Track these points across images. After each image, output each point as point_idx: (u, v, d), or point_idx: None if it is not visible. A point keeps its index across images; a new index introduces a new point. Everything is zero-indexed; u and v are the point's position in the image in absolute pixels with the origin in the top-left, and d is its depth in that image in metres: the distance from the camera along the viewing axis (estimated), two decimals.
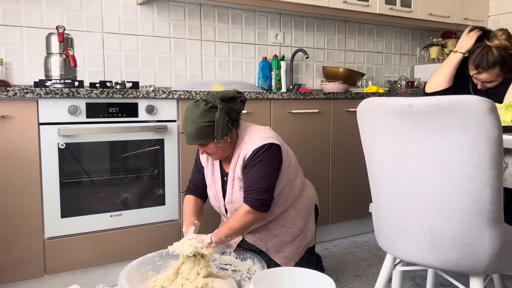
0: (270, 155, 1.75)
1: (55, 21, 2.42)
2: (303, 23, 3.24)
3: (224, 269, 1.98)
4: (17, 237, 1.88)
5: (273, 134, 1.83)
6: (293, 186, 1.90)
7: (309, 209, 1.99)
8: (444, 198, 1.18)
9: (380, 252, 2.57)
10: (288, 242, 1.92)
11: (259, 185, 1.73)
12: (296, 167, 1.94)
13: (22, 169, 1.86)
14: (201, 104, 1.70)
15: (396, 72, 3.79)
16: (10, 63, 2.34)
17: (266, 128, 1.86)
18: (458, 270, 1.24)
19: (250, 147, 1.76)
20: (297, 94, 2.48)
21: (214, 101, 1.70)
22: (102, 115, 2.00)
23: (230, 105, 1.74)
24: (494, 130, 1.08)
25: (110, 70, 2.59)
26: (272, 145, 1.76)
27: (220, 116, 1.69)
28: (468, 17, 3.53)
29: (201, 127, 1.68)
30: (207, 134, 1.70)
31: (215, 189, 1.90)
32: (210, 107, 1.69)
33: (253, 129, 1.84)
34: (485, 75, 1.93)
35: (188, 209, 1.91)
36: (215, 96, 1.71)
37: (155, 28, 2.71)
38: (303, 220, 1.95)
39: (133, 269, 1.77)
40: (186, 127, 1.71)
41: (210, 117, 1.68)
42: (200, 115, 1.68)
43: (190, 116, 1.70)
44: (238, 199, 1.82)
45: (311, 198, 2.00)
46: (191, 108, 1.72)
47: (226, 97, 1.74)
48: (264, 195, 1.74)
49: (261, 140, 1.76)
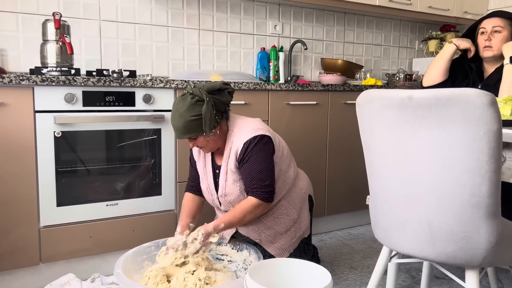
0: (263, 147, 1.74)
1: (51, 8, 2.39)
2: (302, 14, 3.22)
3: (220, 260, 1.98)
4: (13, 225, 1.87)
5: (263, 126, 1.81)
6: (286, 177, 1.89)
7: (303, 199, 1.98)
8: (442, 191, 1.18)
9: (376, 245, 2.58)
10: (282, 233, 1.92)
11: (262, 177, 1.73)
12: (289, 158, 1.93)
13: (17, 157, 1.85)
14: (188, 98, 1.67)
15: (395, 65, 3.78)
16: (6, 50, 2.31)
17: (256, 120, 1.84)
18: (455, 263, 1.24)
19: (241, 140, 1.75)
20: (295, 85, 2.47)
21: (200, 94, 1.67)
22: (98, 103, 1.98)
23: (217, 97, 1.71)
24: (494, 124, 1.08)
25: (107, 59, 2.56)
26: (263, 137, 1.75)
27: (207, 109, 1.66)
28: (468, 10, 3.52)
29: (189, 121, 1.66)
30: (196, 128, 1.68)
31: (207, 182, 1.89)
32: (196, 100, 1.66)
33: (243, 121, 1.82)
34: (494, 19, 2.00)
35: (185, 209, 1.91)
36: (201, 89, 1.68)
37: (152, 16, 2.68)
38: (296, 211, 1.94)
39: (129, 259, 1.77)
40: (174, 122, 1.69)
41: (197, 110, 1.66)
42: (187, 109, 1.66)
43: (177, 111, 1.67)
44: (231, 192, 1.82)
45: (305, 188, 1.99)
46: (178, 102, 1.69)
47: (212, 89, 1.71)
48: (270, 187, 1.74)
49: (251, 132, 1.75)
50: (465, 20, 3.54)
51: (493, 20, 2.01)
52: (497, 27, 1.99)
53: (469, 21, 3.54)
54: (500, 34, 1.99)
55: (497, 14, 2.03)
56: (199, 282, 1.66)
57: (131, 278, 1.74)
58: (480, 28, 2.06)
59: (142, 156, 2.13)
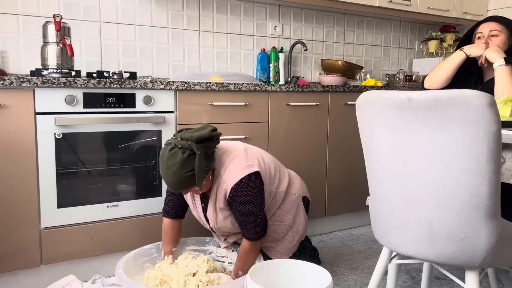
0: (249, 187, 1.71)
1: (52, 10, 2.39)
2: (302, 15, 3.23)
3: (220, 261, 1.98)
4: (14, 227, 1.87)
5: (247, 159, 1.75)
6: (277, 194, 1.89)
7: (297, 204, 1.97)
8: (442, 192, 1.18)
9: (376, 245, 2.58)
10: (279, 239, 1.93)
11: (250, 220, 1.73)
12: (277, 176, 1.89)
13: (18, 159, 1.85)
14: (178, 154, 1.59)
15: (395, 65, 3.78)
16: (6, 52, 2.32)
17: (240, 154, 1.77)
18: (454, 264, 1.24)
19: (229, 184, 1.71)
20: (295, 86, 2.48)
21: (190, 147, 1.60)
22: (99, 105, 1.99)
23: (206, 145, 1.66)
24: (493, 125, 1.08)
25: (107, 60, 2.57)
26: (249, 176, 1.71)
27: (199, 163, 1.60)
28: (468, 11, 3.52)
29: (183, 177, 1.61)
30: (190, 182, 1.63)
31: (197, 213, 1.89)
32: (188, 154, 1.60)
33: (228, 159, 1.75)
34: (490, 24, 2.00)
35: (166, 236, 1.92)
36: (189, 140, 1.61)
37: (153, 18, 2.68)
38: (291, 216, 1.94)
39: (130, 260, 1.78)
40: (167, 178, 1.62)
41: (190, 165, 1.60)
42: (180, 166, 1.59)
43: (169, 168, 1.60)
44: (223, 225, 1.82)
45: (297, 192, 1.98)
46: (168, 158, 1.60)
47: (201, 138, 1.64)
48: (258, 227, 1.74)
49: (237, 174, 1.71)
50: (465, 20, 3.54)
51: (489, 25, 2.02)
52: (494, 31, 2.00)
53: (469, 21, 3.55)
54: (497, 38, 2.00)
55: (494, 18, 2.04)
56: (201, 283, 1.66)
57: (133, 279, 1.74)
58: (477, 33, 2.07)
59: (142, 158, 2.13)
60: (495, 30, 2.00)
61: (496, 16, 2.06)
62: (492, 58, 1.92)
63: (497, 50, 1.93)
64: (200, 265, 1.76)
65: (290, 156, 2.53)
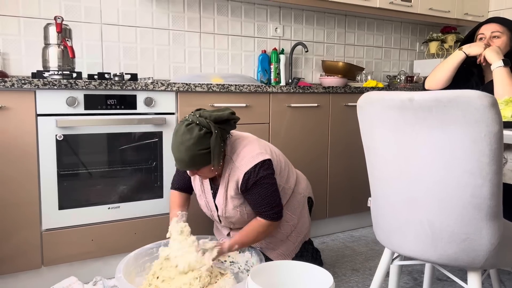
0: (263, 173, 1.69)
1: (53, 12, 2.40)
2: (303, 17, 3.23)
3: (222, 261, 1.98)
4: (15, 228, 1.87)
5: (260, 147, 1.74)
6: (286, 189, 1.88)
7: (302, 204, 1.96)
8: (443, 193, 1.18)
9: (378, 247, 2.58)
10: (283, 239, 1.91)
11: (268, 202, 1.71)
12: (287, 170, 1.89)
13: (19, 161, 1.85)
14: (195, 129, 1.56)
15: (396, 66, 3.78)
16: (8, 54, 2.32)
17: (252, 142, 1.76)
18: (456, 265, 1.24)
19: (241, 170, 1.69)
20: (296, 88, 2.48)
21: (208, 125, 1.58)
22: (100, 107, 1.99)
23: (223, 127, 1.64)
24: (495, 125, 1.08)
25: (108, 62, 2.57)
26: (263, 163, 1.69)
27: (216, 143, 1.58)
28: (469, 12, 3.52)
29: (197, 155, 1.57)
30: (203, 161, 1.60)
31: (205, 199, 1.85)
32: (205, 132, 1.57)
33: (240, 146, 1.74)
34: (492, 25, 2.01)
35: (172, 203, 1.89)
36: (208, 120, 1.60)
37: (154, 19, 2.69)
38: (296, 216, 1.93)
39: (130, 261, 1.77)
40: (179, 154, 1.58)
41: (205, 143, 1.57)
42: (195, 142, 1.55)
43: (183, 143, 1.56)
44: (232, 215, 1.80)
45: (303, 192, 1.97)
46: (184, 133, 1.57)
47: (220, 119, 1.62)
48: (277, 207, 1.73)
49: (250, 160, 1.69)
50: (466, 21, 3.54)
51: (491, 26, 2.02)
52: (496, 32, 2.00)
53: (470, 22, 3.55)
54: (499, 39, 2.00)
55: (496, 20, 2.04)
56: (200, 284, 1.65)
57: (133, 281, 1.74)
58: (478, 34, 2.07)
59: (143, 159, 2.13)
60: (497, 31, 2.00)
61: (499, 17, 2.06)
62: (490, 58, 1.92)
63: (497, 51, 1.93)
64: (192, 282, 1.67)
65: (291, 158, 2.53)
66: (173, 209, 1.86)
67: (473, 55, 2.00)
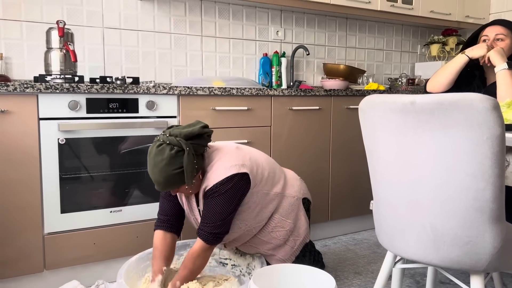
0: (231, 188, 1.63)
1: (55, 16, 2.41)
2: (304, 20, 3.23)
3: (224, 264, 1.98)
4: (17, 232, 1.87)
5: (236, 159, 1.68)
6: (270, 197, 1.80)
7: (296, 207, 1.89)
8: (446, 196, 1.18)
9: (380, 250, 2.57)
10: (281, 245, 1.87)
11: (215, 219, 1.63)
12: (271, 177, 1.82)
13: (22, 164, 1.86)
14: (166, 150, 1.55)
15: (397, 69, 3.78)
16: (10, 58, 2.33)
17: (230, 153, 1.71)
18: (459, 268, 1.23)
19: (211, 182, 1.65)
20: (297, 90, 2.48)
21: (179, 143, 1.56)
22: (102, 110, 1.99)
23: (196, 142, 1.61)
24: (497, 128, 1.08)
25: (110, 66, 2.58)
26: (233, 177, 1.63)
27: (188, 161, 1.56)
28: (470, 14, 3.52)
29: (171, 175, 1.55)
30: (178, 180, 1.58)
31: (194, 217, 1.81)
32: (176, 151, 1.55)
33: (216, 158, 1.69)
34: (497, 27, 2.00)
35: (156, 251, 1.74)
36: (178, 137, 1.57)
37: (155, 23, 2.70)
38: (292, 220, 1.87)
39: (132, 265, 1.77)
40: (154, 176, 1.57)
41: (178, 162, 1.55)
42: (168, 163, 1.54)
43: (156, 165, 1.55)
44: None
45: (296, 194, 1.90)
46: (155, 155, 1.56)
47: (191, 135, 1.59)
48: (219, 229, 1.64)
49: (222, 172, 1.64)
50: (467, 24, 3.54)
51: (496, 28, 2.01)
52: (500, 35, 1.99)
53: (471, 25, 3.55)
54: (503, 42, 1.99)
55: (500, 22, 2.03)
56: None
57: (135, 285, 1.74)
58: (482, 35, 2.06)
59: (145, 163, 2.13)
60: (501, 34, 1.99)
61: (503, 20, 2.05)
62: (494, 60, 1.92)
63: (501, 53, 1.92)
64: None
65: (293, 160, 2.53)
66: (158, 260, 1.72)
67: (476, 57, 1.98)
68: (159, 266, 1.71)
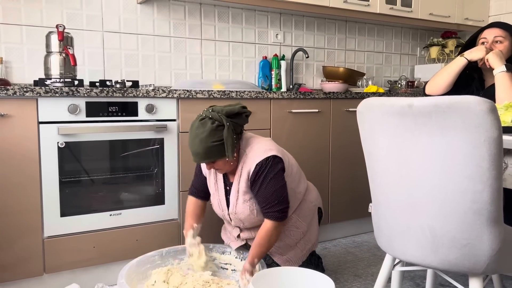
0: (274, 167, 1.73)
1: (55, 20, 2.42)
2: (304, 23, 3.24)
3: (224, 269, 1.98)
4: (17, 235, 1.87)
5: (274, 146, 1.81)
6: (296, 193, 1.89)
7: (313, 212, 1.97)
8: (443, 199, 1.18)
9: (380, 252, 2.57)
10: (292, 245, 1.91)
11: (275, 199, 1.73)
12: (298, 175, 1.92)
13: (21, 168, 1.86)
14: (207, 123, 1.66)
15: (396, 72, 3.78)
16: (10, 62, 2.34)
17: (267, 140, 1.84)
18: (458, 270, 1.24)
19: (253, 161, 1.74)
20: (297, 93, 2.48)
21: (220, 118, 1.67)
22: (102, 114, 2.00)
23: (235, 121, 1.72)
24: (494, 131, 1.08)
25: (110, 69, 2.59)
26: (274, 157, 1.74)
27: (228, 134, 1.66)
28: (469, 17, 3.53)
29: (210, 146, 1.66)
30: (216, 153, 1.68)
31: (218, 197, 1.89)
32: (217, 125, 1.66)
33: (255, 142, 1.81)
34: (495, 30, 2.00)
35: (189, 211, 1.95)
36: (220, 113, 1.69)
37: (155, 27, 2.70)
38: (306, 223, 1.93)
39: (132, 268, 1.77)
40: (194, 147, 1.68)
41: (218, 135, 1.66)
42: (208, 134, 1.65)
43: (197, 136, 1.66)
44: (241, 211, 1.81)
45: (314, 201, 1.99)
46: (197, 127, 1.68)
47: (231, 113, 1.71)
48: (283, 205, 1.74)
49: (262, 153, 1.74)
50: (466, 26, 3.55)
51: (494, 31, 2.01)
52: (498, 37, 1.99)
53: (470, 27, 3.56)
54: (502, 44, 1.99)
55: (499, 25, 2.03)
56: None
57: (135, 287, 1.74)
58: (481, 38, 2.06)
59: (145, 166, 2.14)
60: (499, 36, 1.99)
61: (502, 22, 2.05)
62: (493, 63, 1.92)
63: (500, 56, 1.92)
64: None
65: None
66: (189, 218, 1.93)
67: (475, 60, 1.99)
68: (190, 223, 1.91)
